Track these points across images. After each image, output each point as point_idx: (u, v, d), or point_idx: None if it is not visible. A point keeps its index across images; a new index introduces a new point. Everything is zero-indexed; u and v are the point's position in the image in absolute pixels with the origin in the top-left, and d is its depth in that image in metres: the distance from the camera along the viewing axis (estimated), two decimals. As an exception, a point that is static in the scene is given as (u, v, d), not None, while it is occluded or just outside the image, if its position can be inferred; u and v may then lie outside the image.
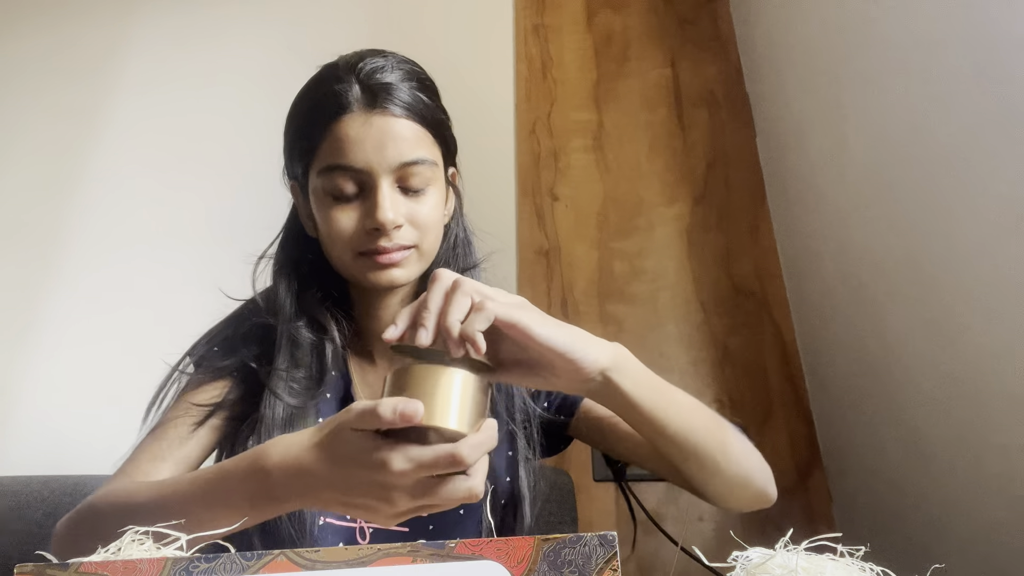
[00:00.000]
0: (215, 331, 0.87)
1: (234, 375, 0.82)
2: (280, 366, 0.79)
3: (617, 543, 0.37)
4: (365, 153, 0.76)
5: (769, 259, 1.63)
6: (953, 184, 1.04)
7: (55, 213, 1.75)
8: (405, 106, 0.79)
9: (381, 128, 0.77)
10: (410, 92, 0.80)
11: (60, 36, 1.98)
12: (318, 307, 0.83)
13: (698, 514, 1.41)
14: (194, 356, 0.85)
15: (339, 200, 0.78)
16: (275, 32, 1.92)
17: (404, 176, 0.78)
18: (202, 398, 0.80)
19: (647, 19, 1.93)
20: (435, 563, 0.38)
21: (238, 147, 1.77)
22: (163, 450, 0.77)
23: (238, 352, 0.82)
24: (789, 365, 1.53)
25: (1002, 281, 0.94)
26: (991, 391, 0.97)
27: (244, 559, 0.38)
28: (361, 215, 0.78)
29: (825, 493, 1.41)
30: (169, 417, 0.80)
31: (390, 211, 0.76)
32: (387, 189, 0.77)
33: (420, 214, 0.79)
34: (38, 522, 1.21)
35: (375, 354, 0.89)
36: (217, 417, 0.79)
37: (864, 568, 0.48)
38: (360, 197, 0.78)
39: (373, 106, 0.77)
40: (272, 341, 0.82)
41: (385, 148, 0.77)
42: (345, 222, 0.78)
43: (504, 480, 0.84)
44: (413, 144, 0.79)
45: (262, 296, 0.86)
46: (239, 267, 0.88)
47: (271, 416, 0.76)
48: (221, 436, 0.80)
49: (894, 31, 1.20)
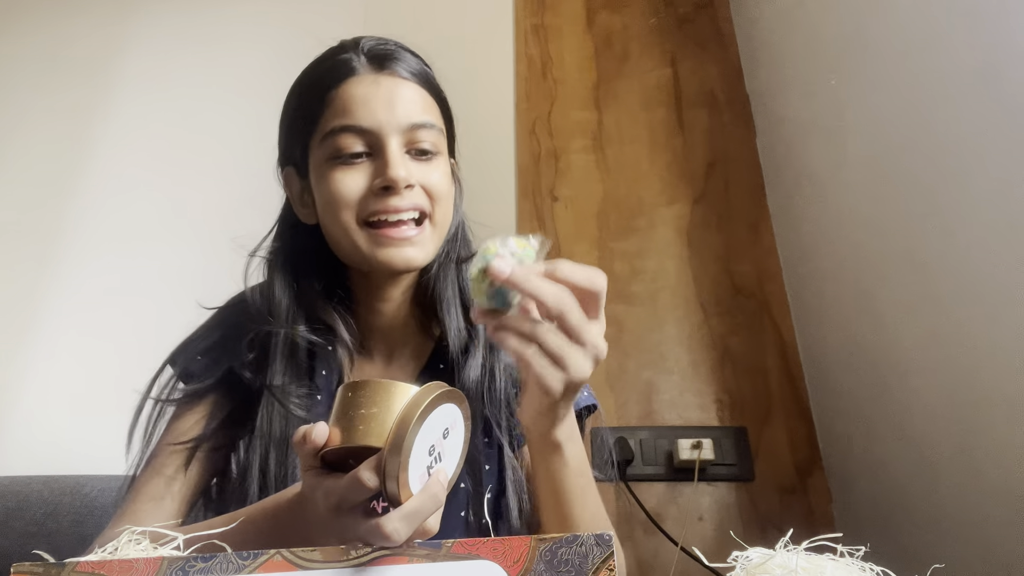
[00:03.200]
0: (198, 337, 0.82)
1: (219, 391, 0.77)
2: (281, 374, 0.75)
3: (614, 543, 0.37)
4: (374, 112, 0.72)
5: (769, 259, 1.63)
6: (953, 184, 1.04)
7: (55, 213, 1.75)
8: (412, 71, 0.76)
9: (390, 88, 0.74)
10: (415, 61, 0.78)
11: (60, 34, 1.98)
12: (322, 304, 0.79)
13: (698, 514, 1.41)
14: (177, 367, 0.80)
15: (345, 164, 0.73)
16: (275, 31, 1.92)
17: (413, 139, 0.74)
18: (189, 426, 0.76)
19: (647, 19, 1.92)
20: (431, 563, 0.38)
21: (239, 146, 1.76)
22: (160, 489, 0.73)
23: (227, 361, 0.77)
24: (789, 365, 1.53)
25: (1001, 280, 0.94)
26: (990, 391, 0.97)
27: (240, 558, 0.38)
28: (370, 176, 0.73)
29: (825, 493, 1.41)
30: (159, 451, 0.76)
31: (402, 168, 0.71)
32: (397, 148, 0.73)
33: (432, 179, 0.75)
34: (38, 522, 1.21)
35: (374, 351, 0.84)
36: (206, 447, 0.75)
37: (864, 568, 0.48)
38: (368, 160, 0.73)
39: (381, 68, 0.75)
40: (265, 345, 0.77)
41: (395, 107, 0.73)
42: (351, 184, 0.73)
43: (481, 469, 0.79)
44: (421, 108, 0.76)
45: (254, 293, 0.81)
46: (240, 267, 0.85)
47: (267, 430, 0.73)
48: (219, 459, 0.77)
49: (894, 31, 1.20)
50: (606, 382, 1.51)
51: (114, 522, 0.72)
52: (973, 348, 1.00)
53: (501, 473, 0.78)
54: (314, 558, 0.38)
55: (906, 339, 1.16)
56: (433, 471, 0.48)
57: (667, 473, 1.43)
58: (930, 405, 1.10)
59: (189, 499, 0.76)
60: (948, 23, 1.05)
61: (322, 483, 0.47)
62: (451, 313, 0.82)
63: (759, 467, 1.44)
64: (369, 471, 0.45)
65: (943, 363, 1.07)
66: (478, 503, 0.76)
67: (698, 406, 1.50)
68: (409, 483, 0.45)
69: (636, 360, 1.54)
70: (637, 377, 1.52)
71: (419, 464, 0.46)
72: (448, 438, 0.50)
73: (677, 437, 1.44)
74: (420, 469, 0.46)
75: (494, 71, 1.87)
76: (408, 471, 0.45)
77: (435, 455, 0.48)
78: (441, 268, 0.83)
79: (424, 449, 0.47)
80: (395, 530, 0.44)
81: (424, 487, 0.47)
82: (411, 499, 0.46)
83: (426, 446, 0.47)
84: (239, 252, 0.85)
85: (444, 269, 0.84)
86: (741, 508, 1.41)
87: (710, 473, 1.42)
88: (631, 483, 1.42)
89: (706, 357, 1.54)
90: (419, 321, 0.85)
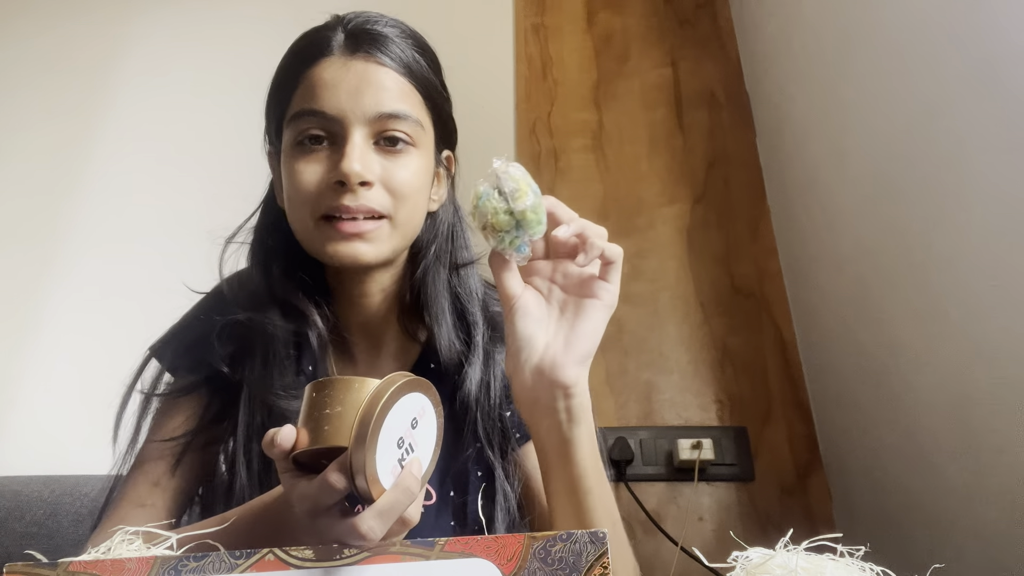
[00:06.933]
0: (184, 327, 0.80)
1: (207, 387, 0.75)
2: (261, 366, 0.72)
3: (608, 540, 0.37)
4: (338, 99, 0.68)
5: (769, 259, 1.63)
6: (953, 184, 1.04)
7: (54, 212, 1.75)
8: (391, 56, 0.71)
9: (360, 73, 0.69)
10: (400, 45, 0.73)
11: (59, 34, 1.98)
12: (293, 292, 0.74)
13: (698, 514, 1.40)
14: (165, 361, 0.78)
15: (306, 153, 0.69)
16: (275, 30, 1.91)
17: (381, 130, 0.70)
18: (175, 426, 0.74)
19: (647, 19, 1.92)
20: (424, 561, 0.38)
21: (239, 146, 1.76)
22: (145, 494, 0.71)
23: (208, 357, 0.74)
24: (789, 365, 1.52)
25: (1001, 280, 0.94)
26: (991, 391, 0.96)
27: (233, 557, 0.37)
28: (327, 169, 0.69)
29: (825, 493, 1.41)
30: (147, 451, 0.74)
31: (357, 162, 0.67)
32: (359, 140, 0.68)
33: (396, 177, 0.70)
34: (38, 522, 1.21)
35: (355, 349, 0.81)
36: (197, 444, 0.73)
37: (864, 568, 0.48)
38: (329, 150, 0.69)
39: (355, 51, 0.70)
40: (245, 336, 0.74)
41: (361, 95, 0.69)
42: (309, 176, 0.68)
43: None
44: (395, 96, 0.70)
45: (232, 282, 0.79)
46: (241, 266, 0.84)
47: (249, 423, 0.71)
48: (209, 458, 0.75)
49: (894, 31, 1.20)
50: (606, 382, 1.51)
51: (101, 525, 0.70)
52: (973, 348, 1.00)
53: (492, 482, 0.76)
54: (306, 557, 0.38)
55: (906, 339, 1.15)
56: (405, 463, 0.47)
57: (667, 473, 1.43)
58: (931, 405, 1.10)
59: (177, 504, 0.74)
60: (948, 23, 1.05)
61: (295, 486, 0.46)
62: (441, 322, 0.78)
63: (759, 467, 1.43)
64: (336, 472, 0.44)
65: (943, 362, 1.06)
66: (464, 512, 0.74)
67: (698, 406, 1.50)
68: (379, 478, 0.44)
69: (636, 360, 1.53)
70: (637, 377, 1.52)
71: (389, 458, 0.45)
72: (417, 428, 0.48)
73: (677, 437, 1.44)
74: (391, 463, 0.45)
75: (494, 71, 1.87)
76: (376, 466, 0.44)
77: (405, 447, 0.47)
78: (430, 271, 0.79)
79: (392, 442, 0.46)
80: (370, 528, 0.43)
81: (396, 481, 0.45)
82: (384, 495, 0.45)
83: (394, 438, 0.46)
84: (240, 251, 0.83)
85: (434, 273, 0.79)
86: (741, 508, 1.40)
87: (710, 473, 1.42)
88: (631, 483, 1.42)
89: (706, 357, 1.54)
90: (403, 324, 0.81)
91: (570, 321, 0.60)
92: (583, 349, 0.60)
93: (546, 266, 0.62)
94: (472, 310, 0.80)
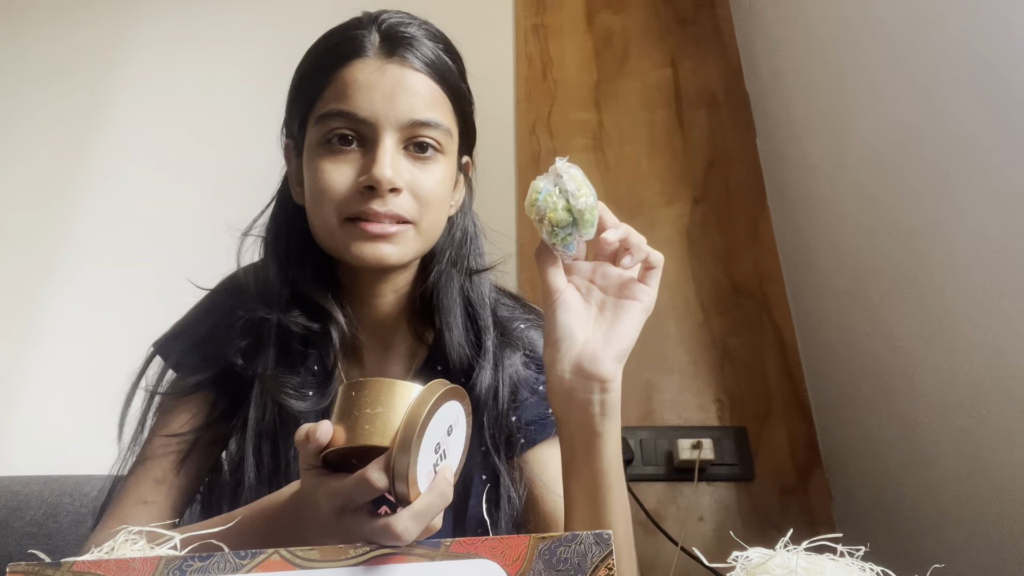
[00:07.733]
0: (191, 324, 0.79)
1: (214, 385, 0.75)
2: (275, 363, 0.72)
3: (612, 541, 0.37)
4: (372, 102, 0.68)
5: (769, 259, 1.63)
6: (952, 184, 1.04)
7: (56, 213, 1.75)
8: (426, 61, 0.71)
9: (395, 78, 0.69)
10: (434, 50, 0.73)
11: (61, 36, 1.98)
12: (319, 290, 0.74)
13: (698, 514, 1.40)
14: (171, 359, 0.78)
15: (334, 153, 0.69)
16: (277, 32, 1.92)
17: (412, 137, 0.70)
18: (180, 424, 0.73)
19: (647, 19, 1.92)
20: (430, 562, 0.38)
21: (241, 147, 1.76)
22: (149, 492, 0.71)
23: (219, 353, 0.74)
24: (789, 365, 1.53)
25: (1001, 281, 0.94)
26: (992, 391, 0.96)
27: (238, 558, 0.38)
28: (357, 171, 0.68)
29: (825, 493, 1.41)
30: (151, 449, 0.73)
31: (389, 168, 0.67)
32: (390, 146, 0.68)
33: (424, 184, 0.70)
34: (38, 522, 1.21)
35: (363, 350, 0.80)
36: (202, 442, 0.73)
37: (864, 568, 0.48)
38: (359, 152, 0.69)
39: (391, 54, 0.70)
40: (258, 332, 0.73)
41: (396, 100, 0.68)
42: (337, 177, 0.68)
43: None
44: (428, 103, 0.71)
45: (247, 275, 0.78)
46: (245, 261, 0.82)
47: (260, 421, 0.71)
48: (213, 456, 0.75)
49: (894, 31, 1.20)
50: (606, 382, 1.50)
51: (102, 522, 0.70)
52: (974, 348, 1.00)
53: (496, 486, 0.76)
54: (312, 557, 0.38)
55: (906, 339, 1.16)
56: (439, 468, 0.48)
57: (667, 473, 1.43)
58: (931, 405, 1.10)
59: (180, 502, 0.73)
60: (948, 22, 1.05)
61: (324, 483, 0.47)
62: (453, 327, 0.78)
63: (759, 467, 1.43)
64: (378, 471, 0.44)
65: (943, 362, 1.07)
66: (465, 515, 0.74)
67: (698, 406, 1.50)
68: (417, 481, 0.45)
69: (636, 360, 1.52)
70: (637, 377, 1.52)
71: (426, 462, 0.46)
72: (452, 435, 0.50)
73: (677, 437, 1.44)
74: (427, 467, 0.46)
75: (494, 71, 1.87)
76: (416, 470, 0.45)
77: (440, 452, 0.48)
78: (444, 276, 0.79)
79: (431, 447, 0.47)
80: (406, 529, 0.44)
81: (432, 485, 0.46)
82: (420, 497, 0.45)
83: (432, 444, 0.47)
84: (239, 245, 0.81)
85: (448, 278, 0.79)
86: (741, 508, 1.41)
87: (710, 473, 1.42)
88: (631, 483, 1.42)
89: (706, 357, 1.54)
90: (412, 327, 0.81)
91: (609, 320, 0.63)
92: (621, 347, 0.63)
93: (587, 267, 0.65)
94: (483, 315, 0.80)
